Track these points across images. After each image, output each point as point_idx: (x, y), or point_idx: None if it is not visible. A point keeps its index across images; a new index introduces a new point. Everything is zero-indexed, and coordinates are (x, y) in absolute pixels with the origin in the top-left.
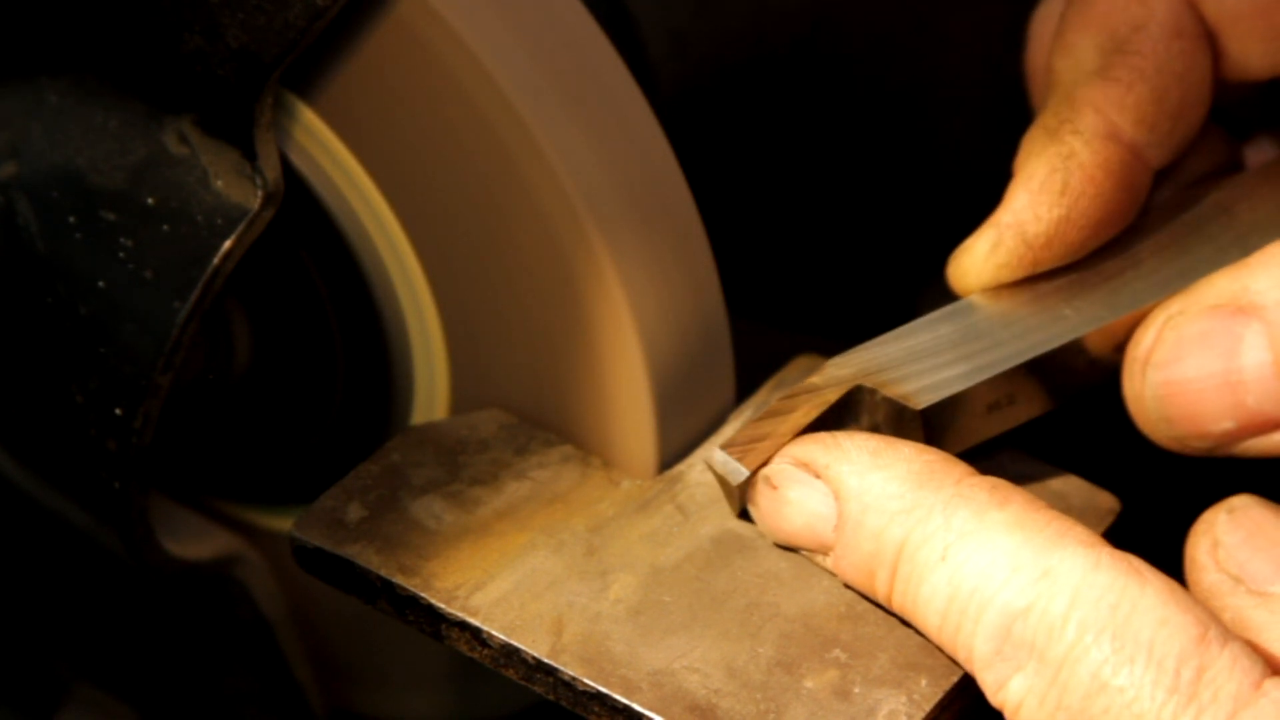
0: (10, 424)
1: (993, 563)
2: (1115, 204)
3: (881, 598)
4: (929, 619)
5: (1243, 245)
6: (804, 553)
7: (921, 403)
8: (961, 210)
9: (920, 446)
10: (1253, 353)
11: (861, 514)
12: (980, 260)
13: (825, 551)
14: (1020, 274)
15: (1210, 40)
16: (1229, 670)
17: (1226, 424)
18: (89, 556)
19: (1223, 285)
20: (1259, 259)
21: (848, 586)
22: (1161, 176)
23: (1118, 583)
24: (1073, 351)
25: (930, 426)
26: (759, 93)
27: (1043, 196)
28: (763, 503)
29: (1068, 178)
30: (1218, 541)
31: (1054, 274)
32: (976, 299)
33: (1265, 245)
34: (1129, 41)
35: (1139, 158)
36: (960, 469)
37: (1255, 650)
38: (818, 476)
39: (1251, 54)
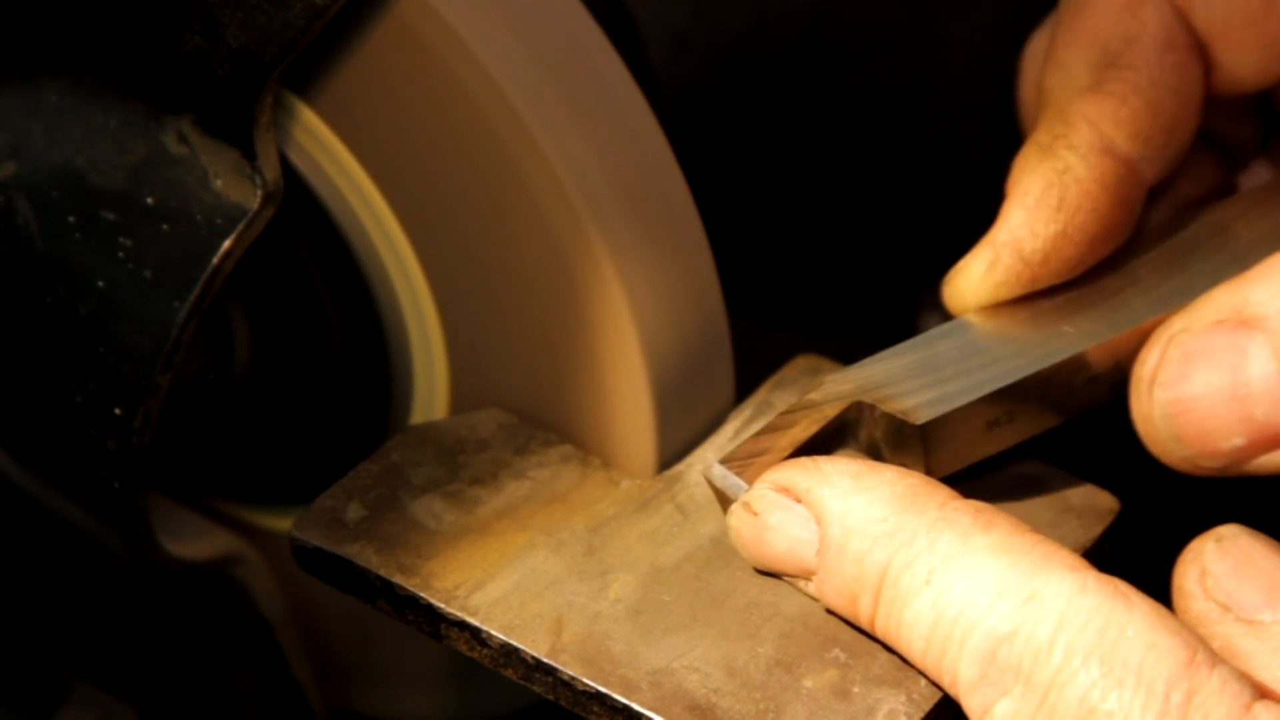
0: (10, 424)
1: (978, 587)
2: (1111, 219)
3: (864, 623)
4: (913, 644)
5: (1241, 262)
6: (786, 578)
7: (921, 418)
8: (961, 210)
9: (903, 470)
10: (1258, 365)
11: (844, 538)
12: (977, 280)
13: (808, 577)
14: (1018, 291)
15: (1202, 52)
16: (1219, 693)
17: (1236, 440)
18: (89, 556)
19: (1223, 299)
20: (1258, 271)
21: (830, 612)
22: (1155, 197)
23: (1104, 606)
24: (1073, 368)
25: (929, 442)
26: (759, 93)
27: (1039, 213)
28: (744, 529)
29: (1064, 193)
30: (1206, 570)
31: (1051, 292)
32: (974, 317)
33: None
34: (1121, 55)
35: (1134, 172)
36: (944, 493)
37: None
38: (799, 501)
39: (1243, 64)
